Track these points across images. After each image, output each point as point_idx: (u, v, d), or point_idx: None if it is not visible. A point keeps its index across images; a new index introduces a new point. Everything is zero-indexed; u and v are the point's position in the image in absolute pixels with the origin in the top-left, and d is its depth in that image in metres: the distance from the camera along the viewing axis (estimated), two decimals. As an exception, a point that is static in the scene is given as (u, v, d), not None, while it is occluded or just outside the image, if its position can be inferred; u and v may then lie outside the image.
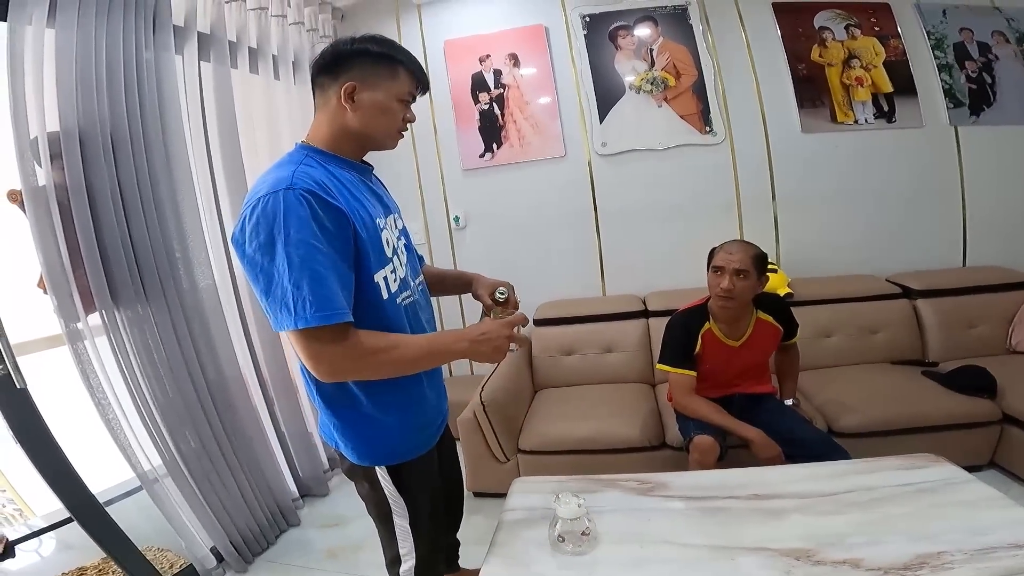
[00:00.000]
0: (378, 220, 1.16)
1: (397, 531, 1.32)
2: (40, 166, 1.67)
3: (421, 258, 1.51)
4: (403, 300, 1.20)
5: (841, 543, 1.19)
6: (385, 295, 1.13)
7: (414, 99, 1.21)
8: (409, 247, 1.32)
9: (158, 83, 2.01)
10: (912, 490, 1.38)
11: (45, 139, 1.67)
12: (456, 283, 1.55)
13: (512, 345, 1.18)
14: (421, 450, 1.29)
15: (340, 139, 1.17)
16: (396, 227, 1.25)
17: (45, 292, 1.71)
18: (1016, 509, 1.26)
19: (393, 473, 1.25)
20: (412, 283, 1.26)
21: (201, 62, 2.30)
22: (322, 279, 0.98)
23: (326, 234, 1.00)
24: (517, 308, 1.33)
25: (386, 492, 1.27)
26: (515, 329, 1.19)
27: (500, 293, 1.35)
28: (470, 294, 1.48)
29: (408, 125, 1.22)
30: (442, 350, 1.15)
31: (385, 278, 1.14)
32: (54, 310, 1.70)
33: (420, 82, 1.19)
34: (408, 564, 1.36)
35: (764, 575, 1.13)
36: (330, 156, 1.16)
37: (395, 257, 1.19)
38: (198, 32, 2.26)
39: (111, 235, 1.81)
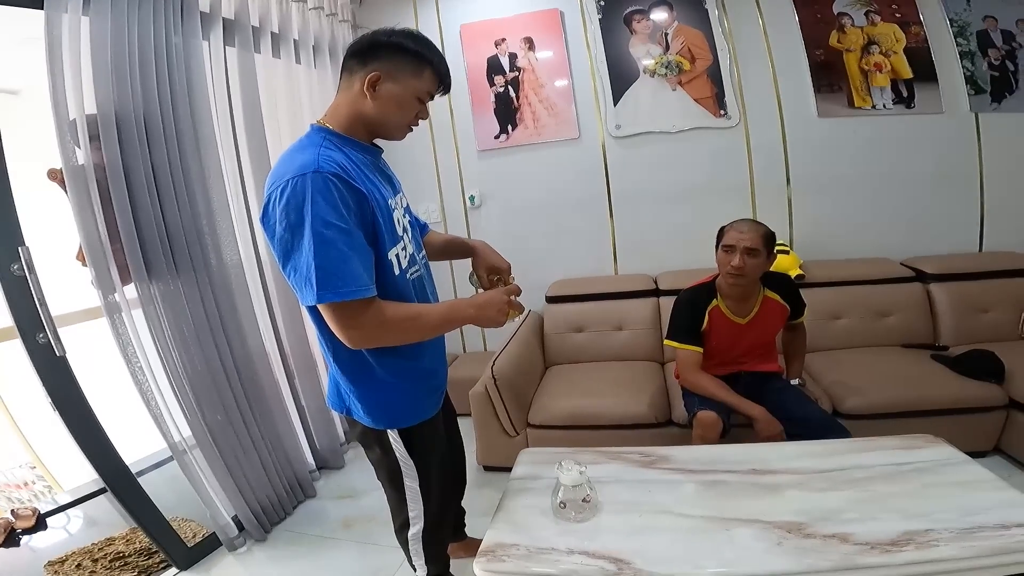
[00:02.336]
0: (390, 201, 1.23)
1: (408, 493, 1.40)
2: (79, 147, 1.76)
3: (425, 225, 1.60)
4: (412, 275, 1.29)
5: (833, 518, 1.24)
6: (397, 271, 1.22)
7: (432, 98, 1.27)
8: (413, 223, 1.40)
9: (187, 68, 2.09)
10: (907, 469, 1.42)
11: (84, 121, 1.76)
12: (459, 249, 1.64)
13: (514, 315, 1.30)
14: (428, 414, 1.37)
15: (355, 123, 1.22)
16: (402, 207, 1.33)
17: (84, 264, 1.81)
18: (1009, 491, 1.28)
19: (404, 436, 1.33)
20: (418, 258, 1.35)
21: (227, 47, 2.36)
22: (348, 257, 1.05)
23: (351, 215, 1.08)
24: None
25: (397, 455, 1.35)
26: (512, 298, 1.30)
27: (497, 279, 1.51)
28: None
29: (419, 121, 1.29)
30: (453, 317, 1.26)
31: (397, 255, 1.22)
32: (92, 281, 1.80)
33: (443, 84, 1.26)
34: (417, 527, 1.45)
35: (756, 546, 1.19)
36: (346, 139, 1.21)
37: (404, 234, 1.27)
38: (223, 18, 2.32)
39: (145, 212, 1.90)
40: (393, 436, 1.33)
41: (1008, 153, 2.83)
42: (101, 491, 2.07)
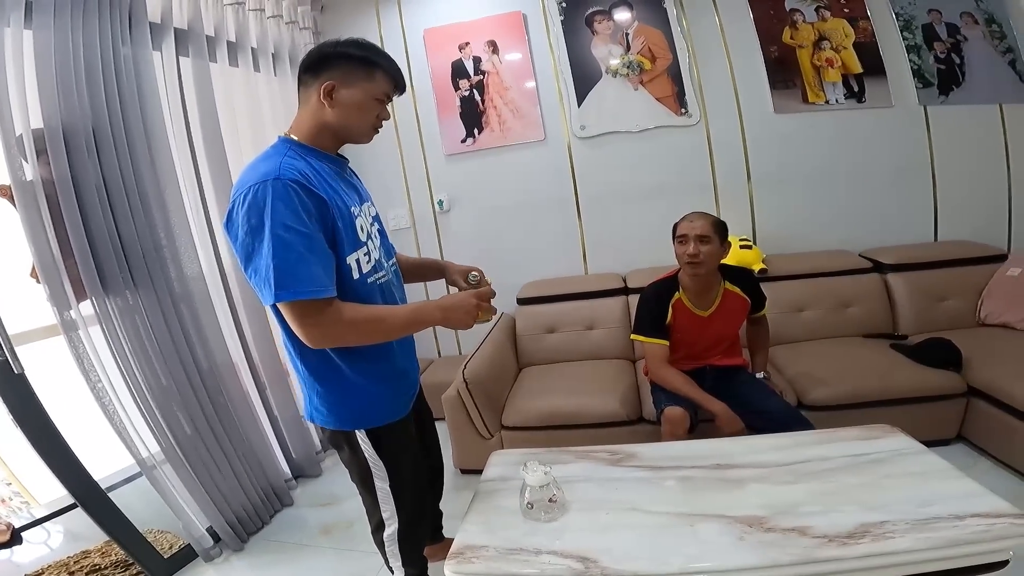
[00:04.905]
0: (353, 208, 1.26)
1: (379, 495, 1.42)
2: (27, 162, 1.72)
3: (392, 247, 1.60)
4: (377, 279, 1.31)
5: (794, 511, 1.27)
6: (356, 275, 1.24)
7: (389, 99, 1.31)
8: (382, 232, 1.44)
9: (137, 79, 2.05)
10: (866, 460, 1.44)
11: (30, 136, 1.72)
12: (430, 270, 1.67)
13: (484, 318, 1.32)
14: (395, 415, 1.39)
15: (319, 133, 1.26)
16: (370, 214, 1.36)
17: (38, 281, 1.77)
18: (964, 480, 1.32)
19: (372, 437, 1.35)
20: (386, 264, 1.38)
21: (180, 57, 2.33)
22: (306, 259, 1.10)
23: (311, 219, 1.12)
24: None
25: (366, 455, 1.37)
26: (486, 300, 1.33)
27: (472, 277, 1.51)
28: (444, 280, 1.61)
29: (383, 123, 1.33)
30: (419, 318, 1.28)
31: (357, 260, 1.25)
32: (47, 298, 1.76)
33: (396, 84, 1.30)
34: (391, 528, 1.47)
35: (719, 540, 1.21)
36: (310, 149, 1.25)
37: (369, 241, 1.30)
38: (175, 28, 2.29)
39: (98, 227, 1.86)
40: (361, 436, 1.35)
41: (957, 144, 2.92)
42: (73, 506, 2.03)
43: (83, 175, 1.83)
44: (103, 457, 2.00)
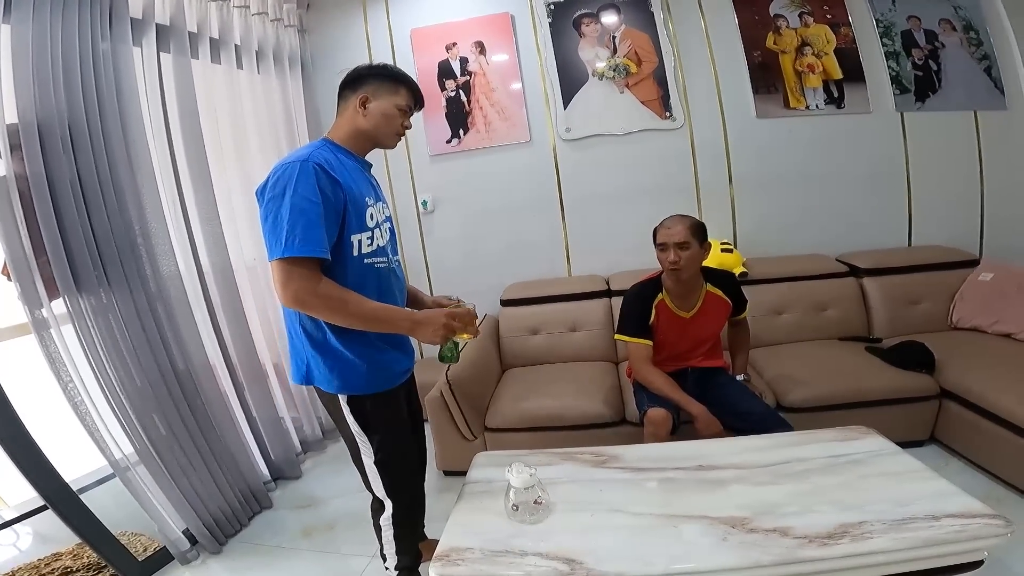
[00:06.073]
0: (367, 199, 1.45)
1: (367, 471, 1.54)
2: (0, 157, 1.68)
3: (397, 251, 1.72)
4: (376, 262, 1.45)
5: (774, 512, 1.29)
6: (355, 252, 1.39)
7: (411, 111, 1.54)
8: (392, 231, 1.60)
9: (116, 74, 2.01)
10: (843, 461, 1.48)
11: (4, 131, 1.68)
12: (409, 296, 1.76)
13: (466, 337, 1.49)
14: (378, 388, 1.47)
15: (352, 136, 1.49)
16: (383, 213, 1.54)
17: (9, 279, 1.72)
18: (938, 481, 1.35)
19: (353, 405, 1.46)
20: (389, 255, 1.53)
21: (161, 53, 2.29)
22: (312, 224, 1.27)
23: (324, 197, 1.30)
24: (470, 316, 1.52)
25: (351, 427, 1.48)
26: (463, 321, 1.45)
27: (449, 299, 1.68)
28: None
29: (405, 131, 1.55)
30: (386, 319, 1.39)
31: (360, 240, 1.40)
32: (18, 296, 1.72)
33: (416, 99, 1.54)
34: (388, 511, 1.58)
35: (702, 541, 1.23)
36: (341, 148, 1.47)
37: (376, 229, 1.46)
38: (156, 24, 2.25)
39: (72, 224, 1.82)
40: (344, 404, 1.46)
41: (932, 151, 2.99)
42: (43, 508, 1.99)
43: (58, 171, 1.79)
44: (75, 458, 1.95)
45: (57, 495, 1.84)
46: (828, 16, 2.99)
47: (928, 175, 3.00)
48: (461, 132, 3.20)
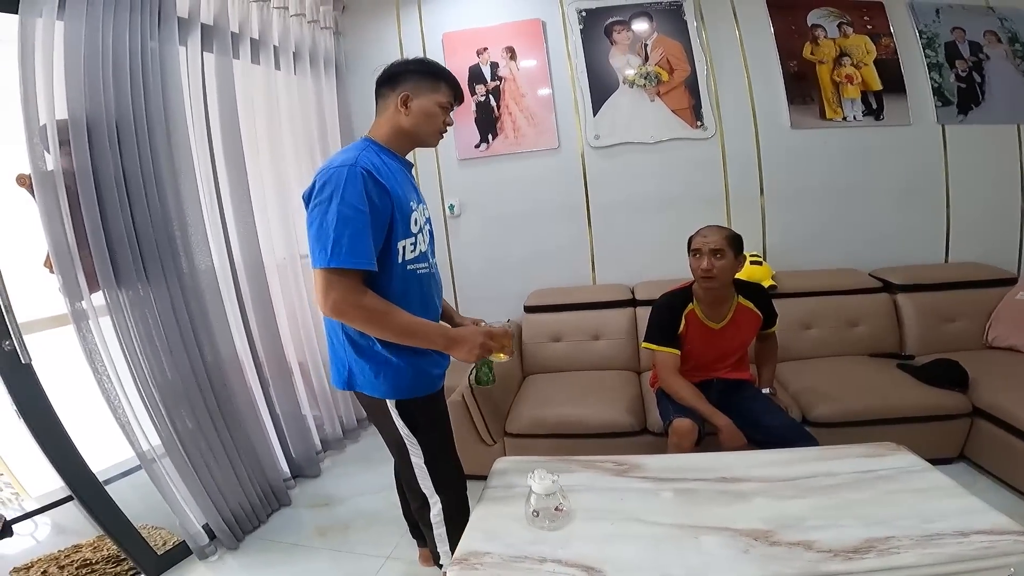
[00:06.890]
0: (412, 203, 1.43)
1: (416, 471, 1.52)
2: (49, 152, 1.74)
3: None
4: (418, 268, 1.45)
5: (798, 526, 1.26)
6: (400, 259, 1.39)
7: (452, 107, 1.50)
8: (431, 233, 1.60)
9: (162, 73, 2.07)
10: (871, 477, 1.44)
11: (54, 126, 1.73)
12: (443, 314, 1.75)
13: (501, 357, 1.48)
14: (423, 391, 1.48)
15: (394, 136, 1.46)
16: (424, 215, 1.52)
17: (52, 271, 1.78)
18: (968, 498, 1.31)
19: (402, 409, 1.45)
20: (430, 259, 1.53)
21: (204, 53, 2.35)
22: (359, 234, 1.25)
23: (371, 204, 1.28)
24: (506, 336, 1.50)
25: (399, 428, 1.47)
26: (499, 342, 1.45)
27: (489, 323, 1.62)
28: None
29: (447, 128, 1.52)
30: (422, 334, 1.38)
31: (404, 247, 1.39)
32: (59, 288, 1.77)
33: (456, 94, 1.50)
34: (436, 508, 1.57)
35: (723, 553, 1.20)
36: (385, 149, 1.44)
37: (419, 234, 1.45)
38: (202, 24, 2.31)
39: (115, 219, 1.87)
40: (392, 408, 1.45)
41: (973, 165, 2.91)
42: (68, 499, 2.02)
43: (103, 168, 1.84)
44: (97, 450, 1.98)
45: (85, 488, 1.88)
46: (868, 27, 2.94)
47: (967, 190, 2.93)
48: (490, 137, 3.22)
